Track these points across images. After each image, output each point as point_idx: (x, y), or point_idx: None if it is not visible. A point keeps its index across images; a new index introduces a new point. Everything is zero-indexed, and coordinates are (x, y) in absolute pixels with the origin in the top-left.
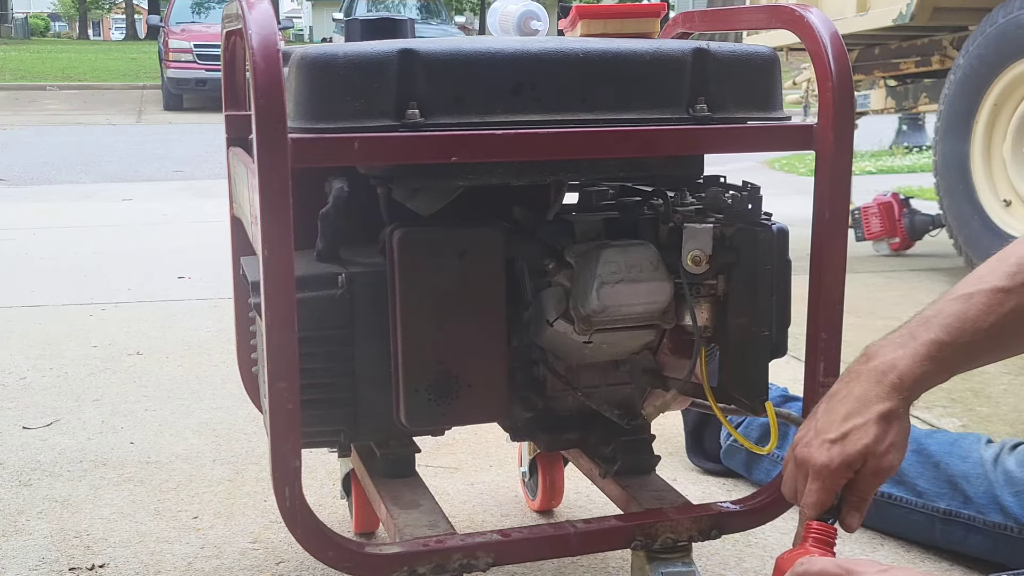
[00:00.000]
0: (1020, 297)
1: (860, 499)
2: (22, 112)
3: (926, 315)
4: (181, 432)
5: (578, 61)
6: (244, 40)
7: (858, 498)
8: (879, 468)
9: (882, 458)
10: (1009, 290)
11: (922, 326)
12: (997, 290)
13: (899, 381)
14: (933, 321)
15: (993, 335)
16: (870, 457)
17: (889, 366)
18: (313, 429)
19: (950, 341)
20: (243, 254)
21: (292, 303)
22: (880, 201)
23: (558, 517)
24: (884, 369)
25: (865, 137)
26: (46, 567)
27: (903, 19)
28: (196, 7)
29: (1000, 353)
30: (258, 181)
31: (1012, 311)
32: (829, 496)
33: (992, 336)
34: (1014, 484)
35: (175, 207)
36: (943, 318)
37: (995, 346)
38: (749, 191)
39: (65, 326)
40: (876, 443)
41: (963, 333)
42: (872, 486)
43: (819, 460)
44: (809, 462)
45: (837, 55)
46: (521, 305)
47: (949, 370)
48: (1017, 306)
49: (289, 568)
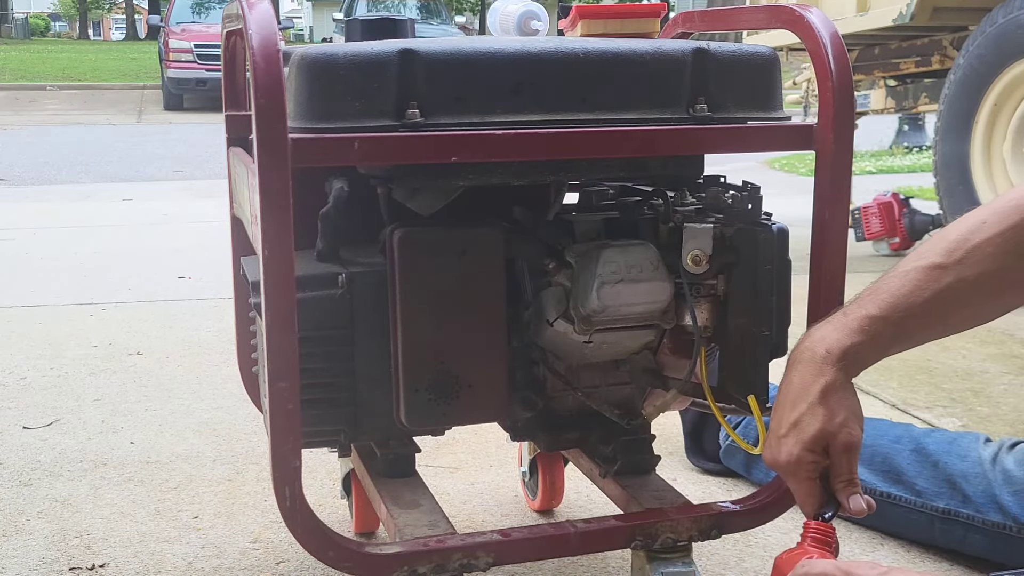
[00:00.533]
0: (957, 274)
1: (845, 480)
2: (22, 112)
3: (862, 294)
4: (181, 432)
5: (578, 61)
6: (244, 40)
7: (842, 480)
8: (844, 444)
9: (839, 434)
10: (945, 267)
11: (856, 303)
12: (934, 267)
13: (828, 354)
14: (867, 298)
15: (928, 311)
16: (830, 437)
17: (819, 342)
18: (313, 429)
19: (882, 316)
20: (243, 254)
21: (292, 303)
22: (880, 201)
23: (558, 517)
24: (814, 347)
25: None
26: (46, 567)
27: (903, 19)
28: (196, 7)
29: (940, 330)
30: (258, 181)
31: (947, 288)
32: (811, 488)
33: (928, 312)
34: (1013, 483)
35: (175, 207)
36: (877, 295)
37: (932, 322)
38: (749, 191)
39: (65, 326)
40: (827, 422)
41: (896, 309)
42: (845, 463)
43: (781, 459)
44: (776, 463)
45: (837, 55)
46: (521, 305)
47: (883, 343)
48: (953, 283)
49: (289, 568)
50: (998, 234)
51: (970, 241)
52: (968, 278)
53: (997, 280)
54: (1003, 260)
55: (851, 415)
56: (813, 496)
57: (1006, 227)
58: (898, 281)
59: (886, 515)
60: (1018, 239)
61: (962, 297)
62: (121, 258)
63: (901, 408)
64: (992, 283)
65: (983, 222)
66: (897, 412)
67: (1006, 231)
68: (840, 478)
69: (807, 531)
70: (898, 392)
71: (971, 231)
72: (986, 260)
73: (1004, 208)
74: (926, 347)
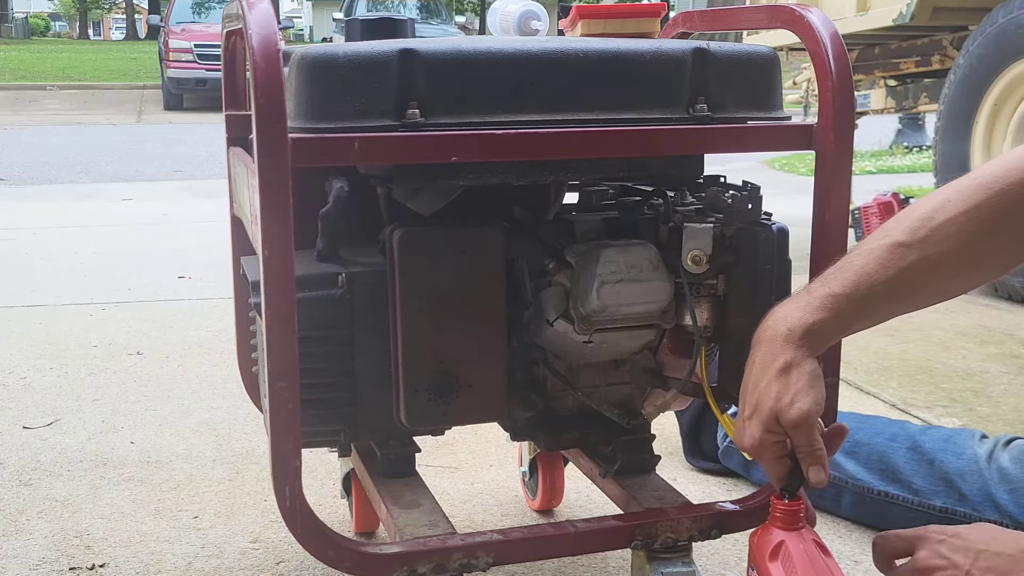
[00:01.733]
0: (920, 252)
1: (807, 454)
2: (22, 112)
3: (826, 272)
4: (181, 432)
5: (578, 61)
6: (244, 40)
7: (805, 454)
8: (791, 421)
9: (790, 409)
10: (909, 245)
11: (819, 282)
12: (897, 244)
13: (789, 332)
14: (830, 277)
15: (891, 288)
16: (780, 414)
17: (780, 320)
18: (313, 429)
19: (845, 294)
20: (243, 254)
21: (292, 303)
22: (880, 201)
23: (558, 517)
24: (776, 325)
25: (865, 137)
26: (46, 567)
27: (903, 19)
28: (196, 7)
29: (903, 306)
30: (258, 181)
31: (911, 266)
32: (778, 465)
33: (891, 290)
34: (1009, 481)
35: (175, 207)
36: (840, 273)
37: (895, 299)
38: (749, 191)
39: (65, 326)
40: (779, 399)
41: (858, 286)
42: (801, 438)
43: (745, 441)
44: (743, 448)
45: (837, 55)
46: (521, 305)
47: (846, 320)
48: (916, 262)
49: (289, 568)
50: (962, 212)
51: (934, 220)
52: (931, 256)
53: (961, 259)
54: (966, 239)
55: (804, 388)
56: (783, 475)
57: (970, 206)
58: (862, 259)
59: (884, 514)
60: (981, 218)
61: (926, 275)
62: (121, 258)
63: (901, 408)
64: (955, 262)
65: (947, 200)
66: (897, 412)
67: (970, 210)
68: (801, 451)
69: (774, 511)
70: (898, 392)
71: (935, 210)
72: (950, 239)
73: (968, 187)
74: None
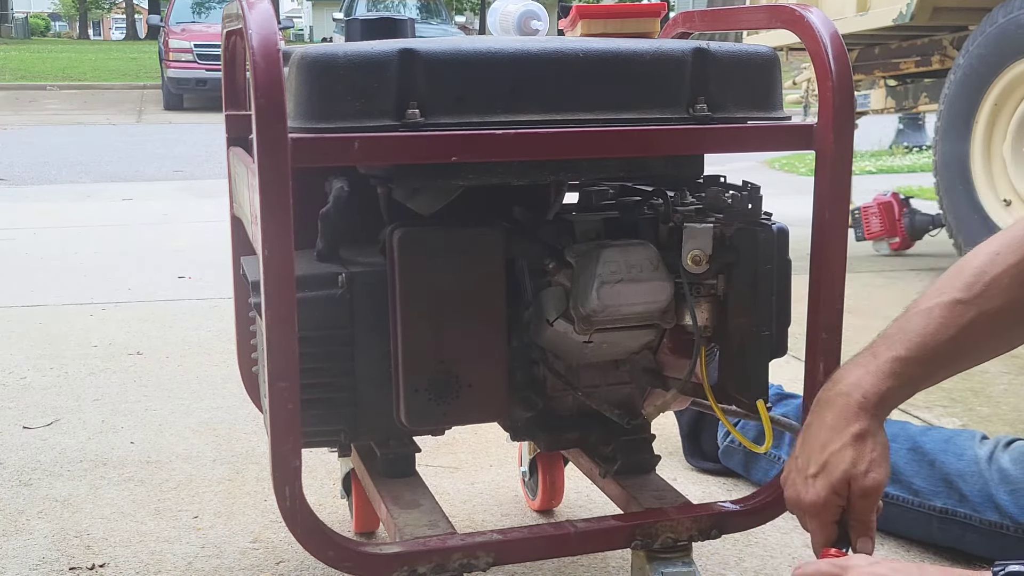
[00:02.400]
0: (978, 308)
1: (862, 523)
2: (22, 112)
3: (888, 332)
4: (181, 432)
5: (578, 61)
6: (244, 40)
7: (860, 522)
8: (864, 489)
9: (865, 477)
10: (967, 302)
11: (884, 344)
12: (956, 302)
13: (864, 400)
14: (895, 338)
15: (953, 347)
16: (853, 480)
17: (854, 387)
18: (313, 429)
19: (911, 357)
20: (243, 254)
21: (292, 303)
22: (880, 201)
23: (558, 517)
24: (849, 391)
25: (865, 137)
26: (46, 567)
27: (903, 19)
28: (196, 7)
29: (963, 364)
30: (258, 181)
31: (971, 322)
32: (830, 529)
33: (953, 348)
34: (1009, 482)
35: (175, 207)
36: (904, 334)
37: (957, 357)
38: (749, 191)
39: (65, 326)
40: (854, 465)
41: (924, 348)
42: (866, 507)
43: (807, 499)
44: (800, 503)
45: (837, 55)
46: (521, 305)
47: (913, 385)
48: (976, 318)
49: (289, 568)
50: (1013, 265)
51: (988, 274)
52: (989, 311)
53: (1016, 310)
54: (1021, 290)
55: (879, 460)
56: (830, 534)
57: (1020, 257)
58: (923, 319)
59: (885, 515)
60: None
61: (986, 330)
62: (121, 258)
63: (901, 408)
64: (1013, 313)
65: (996, 253)
66: (897, 412)
67: (1021, 261)
68: (856, 520)
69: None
70: None
71: (987, 263)
72: (1004, 291)
73: (1016, 238)
74: None
